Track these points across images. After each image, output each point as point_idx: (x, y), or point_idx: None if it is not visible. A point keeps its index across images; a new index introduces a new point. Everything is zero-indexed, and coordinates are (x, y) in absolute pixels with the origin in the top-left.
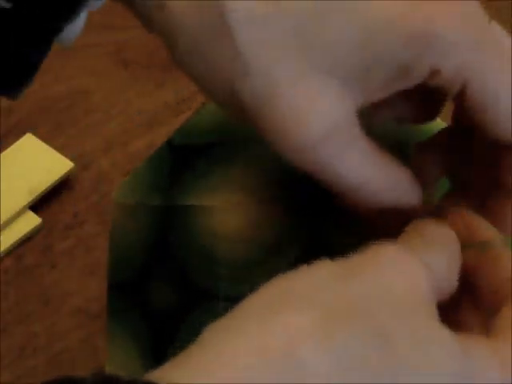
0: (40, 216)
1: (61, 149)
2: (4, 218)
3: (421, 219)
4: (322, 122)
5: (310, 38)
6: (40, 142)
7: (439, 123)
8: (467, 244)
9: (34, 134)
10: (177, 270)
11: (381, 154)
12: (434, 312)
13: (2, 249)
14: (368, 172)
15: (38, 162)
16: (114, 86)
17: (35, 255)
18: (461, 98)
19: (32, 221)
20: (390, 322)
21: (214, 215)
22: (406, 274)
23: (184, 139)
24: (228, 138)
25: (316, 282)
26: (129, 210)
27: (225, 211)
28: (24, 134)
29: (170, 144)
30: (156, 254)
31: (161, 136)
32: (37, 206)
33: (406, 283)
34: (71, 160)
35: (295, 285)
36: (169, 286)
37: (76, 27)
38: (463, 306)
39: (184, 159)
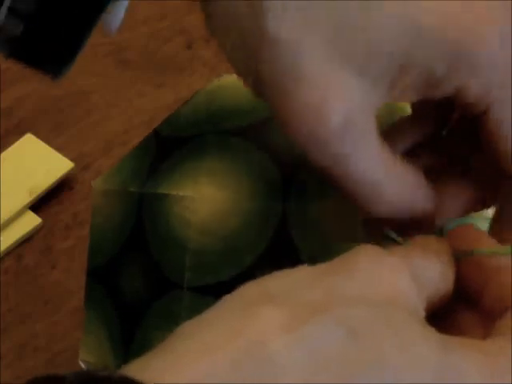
0: (40, 216)
1: (61, 149)
2: (4, 217)
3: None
4: (339, 118)
5: (347, 33)
6: (40, 142)
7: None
8: (468, 252)
9: (34, 134)
10: (148, 258)
11: (395, 157)
12: (415, 310)
13: (2, 249)
14: (382, 172)
15: (38, 162)
16: (113, 86)
17: (35, 255)
18: (480, 120)
19: (32, 221)
20: (364, 317)
21: (185, 205)
22: (384, 272)
23: (170, 130)
24: (211, 130)
25: (292, 281)
26: (108, 196)
27: (195, 201)
28: (24, 134)
29: (156, 134)
30: (130, 240)
31: None
32: (37, 206)
33: (382, 281)
34: (71, 160)
35: (272, 283)
36: (139, 273)
37: (119, 12)
38: (465, 314)
39: (166, 149)
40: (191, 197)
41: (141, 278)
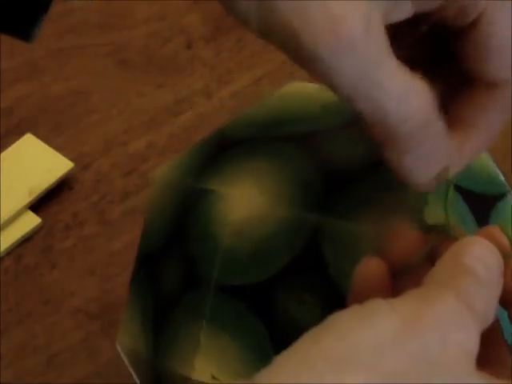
0: (40, 216)
1: (61, 149)
2: (4, 217)
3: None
4: (361, 18)
5: None
6: (40, 142)
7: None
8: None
9: (34, 134)
10: (186, 252)
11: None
12: (473, 359)
13: (2, 249)
14: (410, 80)
15: (38, 162)
16: (113, 86)
17: (35, 255)
18: (469, 28)
19: (32, 221)
20: None
21: (225, 202)
22: (462, 334)
23: (232, 129)
24: (269, 133)
25: (378, 342)
26: (164, 186)
27: (234, 200)
28: (24, 134)
29: (220, 132)
30: (175, 232)
31: (160, 136)
32: (37, 206)
33: (460, 344)
34: (71, 160)
35: (358, 345)
36: (177, 265)
37: None
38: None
39: (224, 148)
40: (232, 195)
41: (177, 270)
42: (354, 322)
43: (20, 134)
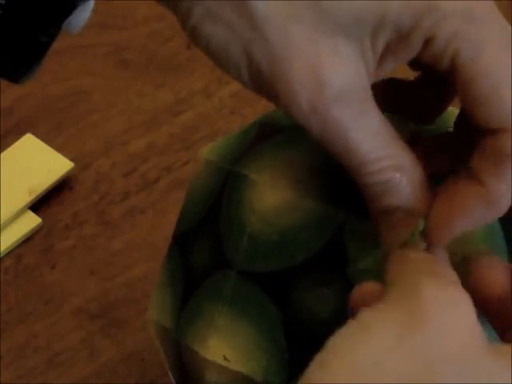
0: (40, 216)
1: (61, 149)
2: (4, 218)
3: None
4: (336, 81)
5: (325, 2)
6: (40, 142)
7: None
8: None
9: (34, 133)
10: (216, 232)
11: (393, 132)
12: (483, 340)
13: (2, 249)
14: (380, 146)
15: (37, 162)
16: (113, 86)
17: (35, 255)
18: (452, 73)
19: (32, 221)
20: (451, 380)
21: (256, 190)
22: (455, 318)
23: (277, 116)
24: None
25: (377, 353)
26: (206, 166)
27: (265, 190)
28: (24, 134)
29: (266, 117)
30: (211, 212)
31: (161, 136)
32: (37, 206)
33: (456, 328)
34: (71, 160)
35: (361, 363)
36: (206, 244)
37: (84, 13)
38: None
39: (267, 133)
40: (262, 183)
41: (206, 249)
42: (352, 341)
43: (20, 134)
